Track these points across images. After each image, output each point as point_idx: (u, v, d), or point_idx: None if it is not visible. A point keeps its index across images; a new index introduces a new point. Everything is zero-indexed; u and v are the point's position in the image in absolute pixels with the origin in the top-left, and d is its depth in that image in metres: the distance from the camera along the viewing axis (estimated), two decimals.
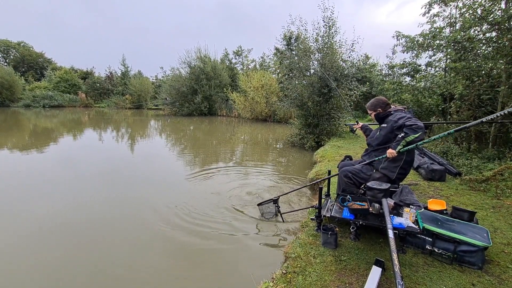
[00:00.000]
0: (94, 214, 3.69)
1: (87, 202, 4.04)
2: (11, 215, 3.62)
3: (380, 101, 2.79)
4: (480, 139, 5.20)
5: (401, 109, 2.70)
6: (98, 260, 2.69)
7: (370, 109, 2.85)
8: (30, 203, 4.00)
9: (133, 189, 4.70)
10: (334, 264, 2.20)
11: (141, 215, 3.63)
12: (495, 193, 3.58)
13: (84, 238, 3.10)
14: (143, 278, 2.43)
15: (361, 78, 16.25)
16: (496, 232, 2.65)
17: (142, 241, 3.05)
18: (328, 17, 8.35)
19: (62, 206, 3.88)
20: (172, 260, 2.72)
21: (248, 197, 4.29)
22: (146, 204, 3.98)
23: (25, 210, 3.75)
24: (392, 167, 2.54)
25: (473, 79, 5.26)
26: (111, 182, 5.04)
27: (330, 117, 8.70)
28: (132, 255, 2.78)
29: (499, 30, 4.61)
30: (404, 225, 2.18)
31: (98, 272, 2.52)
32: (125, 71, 32.76)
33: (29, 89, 29.13)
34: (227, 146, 9.25)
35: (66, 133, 11.42)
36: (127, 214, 3.70)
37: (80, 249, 2.88)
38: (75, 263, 2.64)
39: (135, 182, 5.07)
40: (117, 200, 4.16)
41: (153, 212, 3.72)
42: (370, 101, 2.88)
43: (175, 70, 24.12)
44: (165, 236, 3.12)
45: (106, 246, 2.94)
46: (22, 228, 3.27)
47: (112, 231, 3.28)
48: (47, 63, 40.00)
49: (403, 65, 7.26)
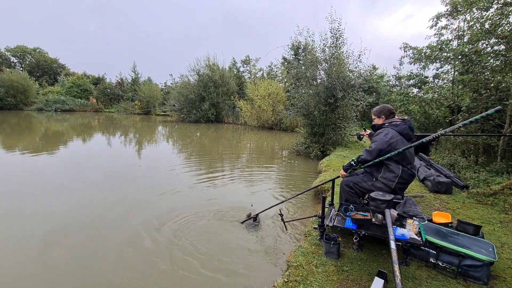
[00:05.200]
0: (93, 216, 3.74)
1: (87, 205, 4.12)
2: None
3: (386, 109, 2.82)
4: (488, 152, 5.13)
5: (398, 122, 2.70)
6: (94, 261, 2.74)
7: (375, 115, 2.90)
8: (34, 204, 4.10)
9: (135, 194, 4.76)
10: (336, 274, 2.19)
11: (139, 221, 3.67)
12: (503, 207, 3.52)
13: (81, 240, 3.15)
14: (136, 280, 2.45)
15: (367, 89, 16.23)
16: (503, 247, 2.61)
17: (132, 244, 3.09)
18: (336, 28, 8.47)
19: (63, 208, 3.97)
20: (170, 266, 2.73)
21: (250, 204, 4.30)
22: (147, 211, 4.02)
23: (27, 210, 3.85)
24: (391, 176, 2.55)
25: (480, 92, 5.24)
26: (115, 186, 5.13)
27: (336, 126, 8.70)
28: (125, 259, 2.82)
29: (507, 43, 4.61)
30: (406, 237, 2.17)
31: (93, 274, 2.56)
32: (135, 77, 33.47)
33: (43, 94, 30.03)
34: (232, 153, 9.31)
35: (76, 137, 11.69)
36: (125, 219, 3.74)
37: (79, 251, 2.94)
38: (71, 264, 2.69)
39: (138, 187, 5.13)
40: (118, 204, 4.22)
41: (154, 219, 3.75)
42: (376, 107, 2.93)
43: (184, 77, 24.56)
44: (162, 242, 3.14)
45: (102, 250, 2.98)
46: (20, 228, 3.36)
47: (111, 235, 3.33)
48: (61, 69, 41.31)
49: (410, 76, 7.28)
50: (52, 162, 6.93)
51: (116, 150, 9.32)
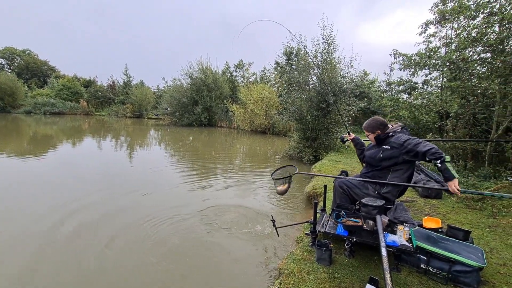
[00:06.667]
0: (80, 220, 3.65)
1: (75, 208, 4.01)
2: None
3: (378, 122, 2.68)
4: (476, 157, 5.24)
5: (399, 129, 2.66)
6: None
7: (368, 131, 2.72)
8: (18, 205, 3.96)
9: (125, 198, 4.66)
10: (327, 281, 2.17)
11: (131, 226, 3.59)
12: (491, 212, 3.57)
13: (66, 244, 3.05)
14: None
15: (359, 94, 16.47)
16: (492, 252, 2.63)
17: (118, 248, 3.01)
18: (328, 34, 8.59)
19: (49, 210, 3.85)
20: (163, 273, 2.66)
21: (241, 211, 4.26)
22: (138, 215, 3.94)
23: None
24: (395, 191, 2.53)
25: (468, 98, 5.36)
26: (103, 189, 5.01)
27: (328, 131, 8.76)
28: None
29: (493, 51, 4.74)
30: (397, 243, 2.17)
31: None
32: (127, 80, 33.15)
33: (31, 96, 29.39)
34: (225, 157, 9.25)
35: (66, 140, 11.43)
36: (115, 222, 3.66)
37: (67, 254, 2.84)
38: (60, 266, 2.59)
39: (128, 191, 5.02)
40: (106, 208, 4.12)
41: (144, 222, 3.67)
42: (366, 122, 2.75)
43: (176, 81, 24.47)
44: (151, 249, 3.08)
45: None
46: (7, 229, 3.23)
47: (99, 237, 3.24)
48: (51, 71, 40.59)
49: (400, 82, 7.40)
50: (40, 165, 6.74)
51: (106, 153, 9.13)
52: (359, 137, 3.16)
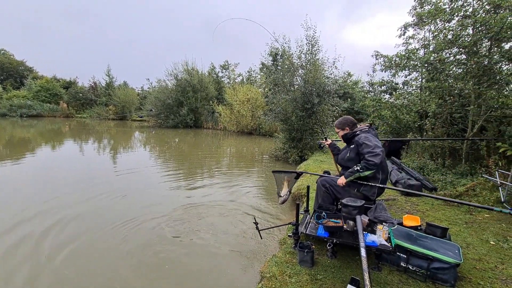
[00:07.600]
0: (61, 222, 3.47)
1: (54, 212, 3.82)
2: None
3: (348, 120, 2.87)
4: (453, 155, 5.40)
5: (366, 128, 2.73)
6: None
7: (338, 128, 2.91)
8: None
9: (109, 202, 4.49)
10: (309, 284, 2.15)
11: (116, 228, 3.46)
12: (467, 208, 3.68)
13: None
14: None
15: (343, 94, 16.75)
16: (468, 247, 2.70)
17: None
18: (311, 35, 8.67)
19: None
20: (141, 275, 2.56)
21: (224, 212, 4.19)
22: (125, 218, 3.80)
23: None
24: (373, 190, 2.57)
25: (445, 98, 5.53)
26: (85, 193, 4.81)
27: (313, 131, 8.84)
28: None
29: (467, 53, 4.92)
30: (377, 243, 2.17)
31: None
32: (109, 81, 32.16)
33: (6, 98, 27.95)
34: (212, 158, 9.14)
35: (45, 144, 10.93)
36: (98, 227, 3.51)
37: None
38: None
39: (112, 196, 4.85)
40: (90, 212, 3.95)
41: (131, 225, 3.54)
42: (338, 120, 2.94)
43: (161, 82, 24.03)
44: (130, 252, 2.97)
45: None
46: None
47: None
48: (28, 72, 38.75)
49: (382, 83, 7.56)
50: (19, 170, 6.39)
51: (87, 157, 8.80)
52: (336, 143, 3.28)
